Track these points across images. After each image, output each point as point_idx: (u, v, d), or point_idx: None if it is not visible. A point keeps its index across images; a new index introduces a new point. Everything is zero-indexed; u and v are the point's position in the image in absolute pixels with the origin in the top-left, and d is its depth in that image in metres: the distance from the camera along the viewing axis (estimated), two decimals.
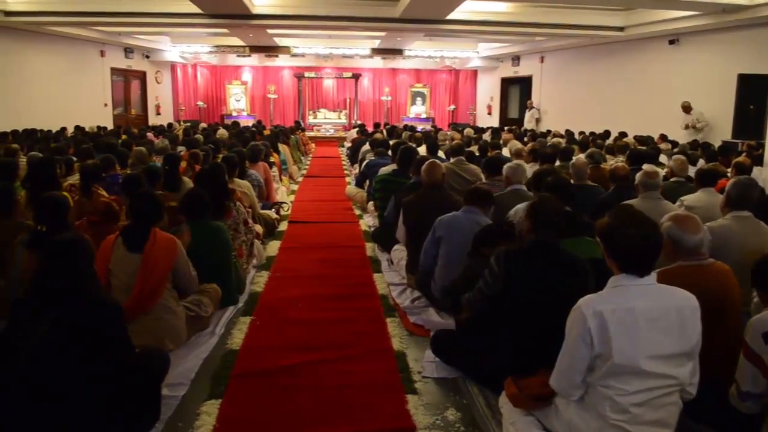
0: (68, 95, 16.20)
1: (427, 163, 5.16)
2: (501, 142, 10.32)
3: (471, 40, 19.50)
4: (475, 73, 23.23)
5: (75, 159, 7.22)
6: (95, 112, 17.32)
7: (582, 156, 7.02)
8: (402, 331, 4.15)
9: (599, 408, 2.35)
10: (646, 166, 4.78)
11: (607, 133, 13.07)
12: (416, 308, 4.50)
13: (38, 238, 3.57)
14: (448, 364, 3.54)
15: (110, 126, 16.37)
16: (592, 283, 2.93)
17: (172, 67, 22.00)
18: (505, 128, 16.06)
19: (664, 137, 11.96)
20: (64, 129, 13.45)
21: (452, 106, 23.55)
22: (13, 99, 14.12)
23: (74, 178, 5.82)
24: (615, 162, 7.44)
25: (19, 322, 2.61)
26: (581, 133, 13.31)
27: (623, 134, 12.49)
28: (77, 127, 13.85)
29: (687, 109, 12.49)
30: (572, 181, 5.50)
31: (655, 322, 2.29)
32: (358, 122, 20.18)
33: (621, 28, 13.87)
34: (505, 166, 5.37)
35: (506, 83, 21.31)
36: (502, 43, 19.31)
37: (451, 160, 7.09)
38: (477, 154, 8.36)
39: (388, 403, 3.20)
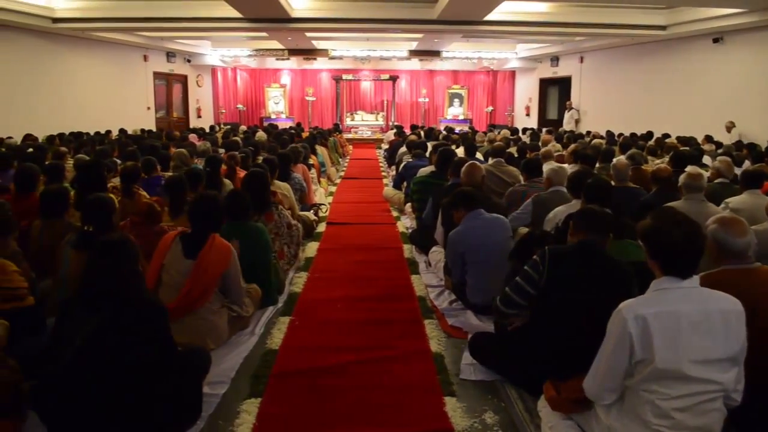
0: (113, 99, 16.62)
1: (467, 165, 5.16)
2: (539, 143, 10.23)
3: (509, 41, 19.38)
4: (513, 74, 23.07)
5: (119, 161, 7.40)
6: (138, 115, 17.73)
7: (623, 157, 6.91)
8: (440, 333, 4.14)
9: (640, 413, 2.32)
10: (689, 168, 4.70)
11: (649, 134, 12.84)
12: (454, 310, 4.49)
13: (85, 239, 3.67)
14: (486, 367, 3.52)
15: (153, 129, 16.71)
16: (635, 289, 2.88)
17: (213, 70, 22.37)
18: (544, 129, 15.91)
19: (709, 138, 11.71)
20: (108, 132, 13.78)
21: (490, 108, 23.42)
22: (60, 103, 14.55)
23: (117, 180, 5.97)
24: (657, 163, 7.31)
25: (67, 321, 2.70)
26: (621, 134, 13.10)
27: (666, 135, 12.26)
28: (121, 130, 14.18)
29: (729, 128, 12.28)
30: (613, 183, 5.43)
31: (698, 326, 2.26)
32: (396, 124, 20.21)
33: (663, 27, 13.61)
34: (547, 168, 5.34)
35: (545, 84, 21.12)
36: (540, 44, 19.15)
37: (490, 161, 7.06)
38: (516, 155, 8.29)
39: (426, 405, 3.19)
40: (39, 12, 12.71)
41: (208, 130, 15.68)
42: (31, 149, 8.57)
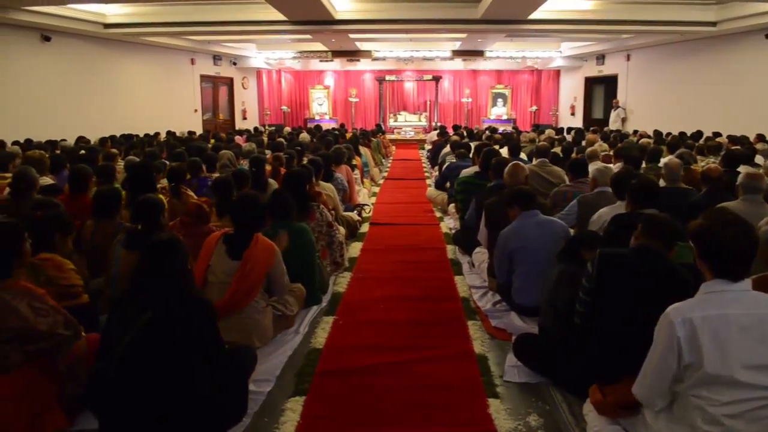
0: (161, 102, 17.02)
1: (510, 165, 5.12)
2: (585, 143, 10.08)
3: (554, 40, 19.14)
4: (557, 73, 22.76)
5: (168, 163, 7.56)
6: (186, 117, 18.11)
7: (674, 157, 6.75)
8: (483, 335, 4.12)
9: (690, 419, 2.27)
10: (747, 168, 4.56)
11: (699, 134, 12.50)
12: (498, 312, 4.47)
13: (136, 238, 3.77)
14: (531, 369, 3.49)
15: (199, 131, 17.04)
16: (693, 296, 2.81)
17: (258, 72, 22.67)
18: (590, 129, 15.66)
19: (761, 137, 11.33)
20: (157, 134, 14.10)
21: (534, 107, 23.14)
22: (111, 106, 14.98)
23: (166, 181, 6.10)
24: (707, 163, 7.13)
25: (119, 318, 2.77)
26: (669, 133, 12.79)
27: (716, 134, 11.91)
28: (169, 132, 14.50)
29: None
30: (664, 184, 5.31)
31: (749, 331, 2.20)
32: (439, 124, 20.16)
33: (713, 23, 13.23)
34: (593, 168, 5.26)
35: (590, 83, 20.77)
36: (586, 42, 18.85)
37: (535, 161, 6.99)
38: (561, 155, 8.19)
39: (469, 407, 3.19)
40: (92, 18, 13.11)
41: (253, 132, 15.90)
42: (83, 151, 8.82)
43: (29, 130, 11.77)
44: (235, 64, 21.03)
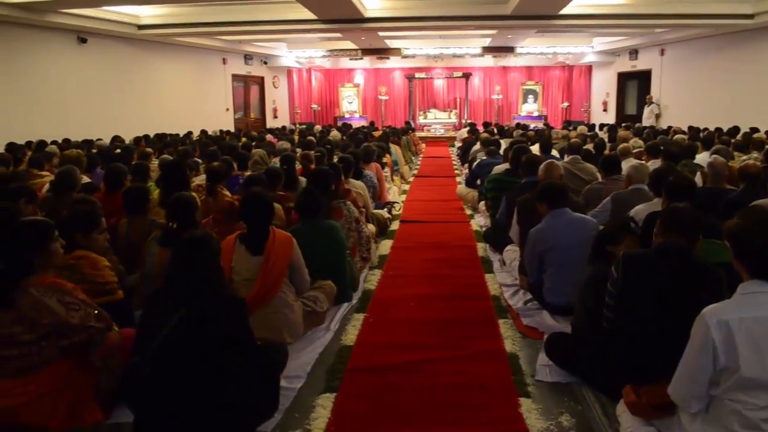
0: (193, 101, 17.25)
1: (545, 162, 5.08)
2: (617, 139, 9.94)
3: (585, 35, 18.87)
4: (589, 68, 22.47)
5: (201, 161, 7.67)
6: (218, 116, 18.33)
7: (718, 156, 6.60)
8: (515, 333, 4.09)
9: (726, 422, 2.23)
10: None
11: (735, 129, 12.22)
12: (529, 310, 4.43)
13: (170, 236, 3.82)
14: (563, 369, 3.45)
15: (231, 129, 17.22)
16: (726, 293, 2.75)
17: (288, 71, 22.84)
18: (623, 125, 15.42)
19: None
20: (190, 133, 14.29)
21: (565, 104, 22.90)
22: (145, 106, 15.24)
23: (200, 179, 6.19)
24: (745, 159, 6.97)
25: (153, 314, 2.82)
26: (705, 129, 12.54)
27: (754, 129, 11.64)
28: (202, 131, 14.68)
29: None
30: (707, 184, 5.20)
31: None
32: (469, 122, 20.07)
33: (750, 16, 12.91)
34: (627, 165, 5.19)
35: (623, 78, 20.45)
36: (618, 37, 18.55)
37: (567, 158, 6.92)
38: (593, 152, 8.09)
39: (500, 406, 3.17)
40: (126, 20, 13.34)
41: (282, 131, 16.02)
42: (118, 150, 8.99)
43: (66, 130, 12.03)
44: (266, 63, 21.21)
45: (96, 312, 2.95)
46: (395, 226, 7.36)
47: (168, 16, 13.74)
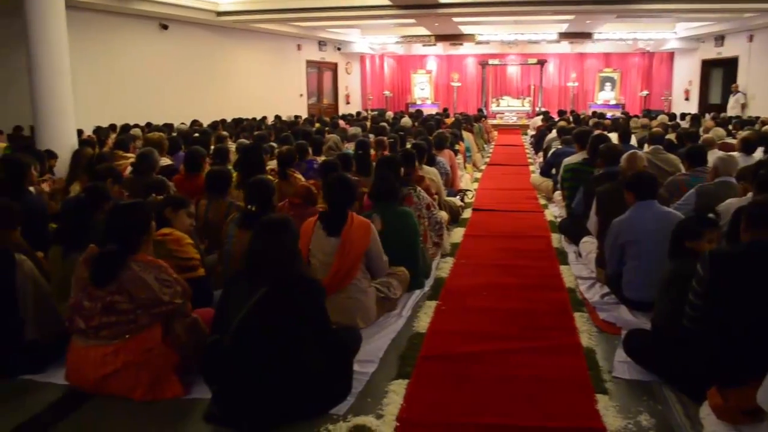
0: (269, 87, 17.58)
1: (628, 153, 4.92)
2: (701, 130, 9.51)
3: (668, 20, 18.10)
4: (671, 55, 21.56)
5: (275, 146, 7.79)
6: (291, 102, 18.63)
7: None
8: (591, 327, 3.98)
9: None
10: None
11: None
12: (606, 304, 4.29)
13: (249, 218, 3.90)
14: (642, 366, 3.33)
15: (304, 115, 17.46)
16: None
17: (362, 57, 22.94)
18: (707, 115, 14.75)
19: None
20: (264, 118, 14.57)
21: (645, 92, 22.09)
22: (222, 90, 15.64)
23: (274, 163, 6.29)
24: None
25: (233, 294, 2.90)
26: None
27: None
28: (276, 116, 14.94)
29: None
30: None
31: None
32: (543, 109, 19.66)
33: None
34: (715, 157, 4.95)
35: (707, 66, 19.50)
36: (703, 22, 17.70)
37: (648, 148, 6.68)
38: (675, 142, 7.78)
39: (576, 401, 3.09)
40: (206, 6, 13.71)
41: (355, 117, 16.12)
42: (197, 134, 9.24)
43: (148, 114, 12.48)
44: (339, 49, 21.37)
45: (182, 289, 3.11)
46: (467, 214, 7.29)
47: (245, 3, 14.03)
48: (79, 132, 8.49)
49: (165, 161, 6.15)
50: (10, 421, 2.88)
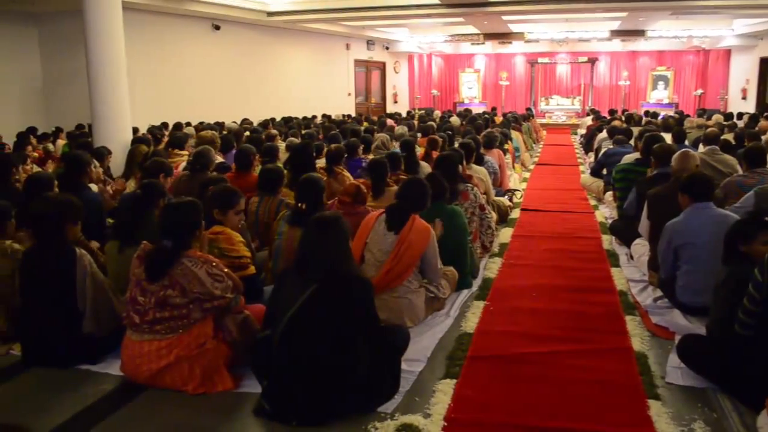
0: (317, 86, 17.75)
1: (680, 152, 4.79)
2: (757, 129, 9.21)
3: (725, 16, 17.55)
4: (727, 52, 20.89)
5: (325, 144, 7.85)
6: (340, 101, 18.76)
7: None
8: (643, 331, 3.89)
9: None
10: None
11: None
12: (659, 308, 4.19)
13: (299, 215, 3.95)
14: (697, 372, 3.24)
15: (352, 113, 17.57)
16: None
17: (409, 57, 22.95)
18: (765, 114, 14.25)
19: None
20: (314, 117, 14.71)
21: (699, 91, 21.47)
22: (273, 90, 15.87)
23: (322, 162, 6.34)
24: None
25: (283, 291, 2.94)
26: None
27: None
28: (324, 115, 15.06)
29: None
30: None
31: None
32: (593, 109, 19.32)
33: None
34: None
35: (766, 64, 18.84)
36: (762, 18, 17.10)
37: (703, 149, 6.50)
38: (733, 143, 7.55)
39: (627, 406, 3.03)
40: (256, 7, 13.92)
41: (404, 115, 16.14)
42: (247, 132, 9.39)
43: (200, 113, 12.74)
44: (387, 48, 21.42)
45: (233, 284, 3.17)
46: (516, 214, 7.23)
47: (295, 3, 14.19)
48: (134, 130, 8.73)
49: (217, 159, 6.26)
50: (69, 409, 2.99)
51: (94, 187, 5.04)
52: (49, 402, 3.09)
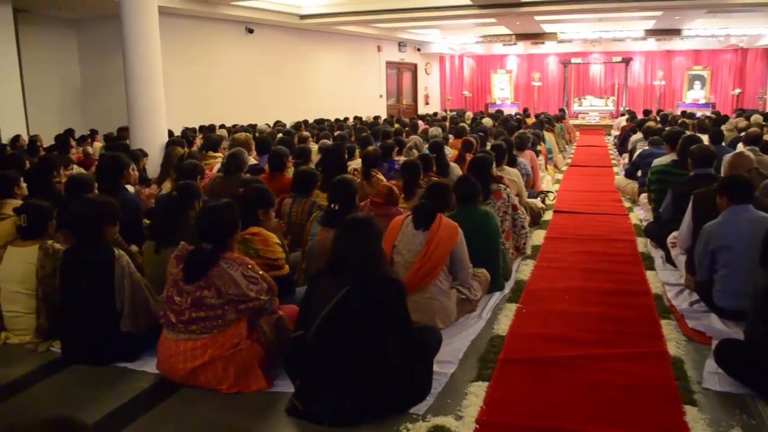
0: (349, 88, 17.85)
1: (734, 153, 4.71)
2: None
3: (764, 14, 17.16)
4: (766, 51, 20.43)
5: (356, 146, 7.90)
6: (371, 102, 18.83)
7: None
8: (679, 336, 3.83)
9: None
10: None
11: None
12: (696, 312, 4.12)
13: (332, 217, 3.99)
14: (735, 378, 3.18)
15: (384, 115, 17.60)
16: None
17: (441, 58, 22.93)
18: None
19: None
20: (346, 119, 14.78)
21: (737, 90, 21.02)
22: (305, 92, 16.01)
23: (356, 163, 6.37)
24: None
25: (317, 291, 2.96)
26: None
27: None
28: (356, 117, 15.13)
29: None
30: None
31: None
32: (627, 109, 19.05)
33: None
34: None
35: None
36: None
37: (743, 149, 6.37)
38: None
39: (663, 411, 2.98)
40: (289, 10, 14.06)
41: (434, 117, 16.12)
42: (280, 134, 9.47)
43: (234, 115, 12.91)
44: (419, 50, 21.43)
45: (268, 286, 3.21)
46: (548, 216, 7.16)
47: (328, 6, 14.28)
48: (170, 133, 8.87)
49: (251, 161, 6.33)
50: (107, 405, 3.06)
51: (130, 188, 5.12)
52: (87, 398, 3.16)
